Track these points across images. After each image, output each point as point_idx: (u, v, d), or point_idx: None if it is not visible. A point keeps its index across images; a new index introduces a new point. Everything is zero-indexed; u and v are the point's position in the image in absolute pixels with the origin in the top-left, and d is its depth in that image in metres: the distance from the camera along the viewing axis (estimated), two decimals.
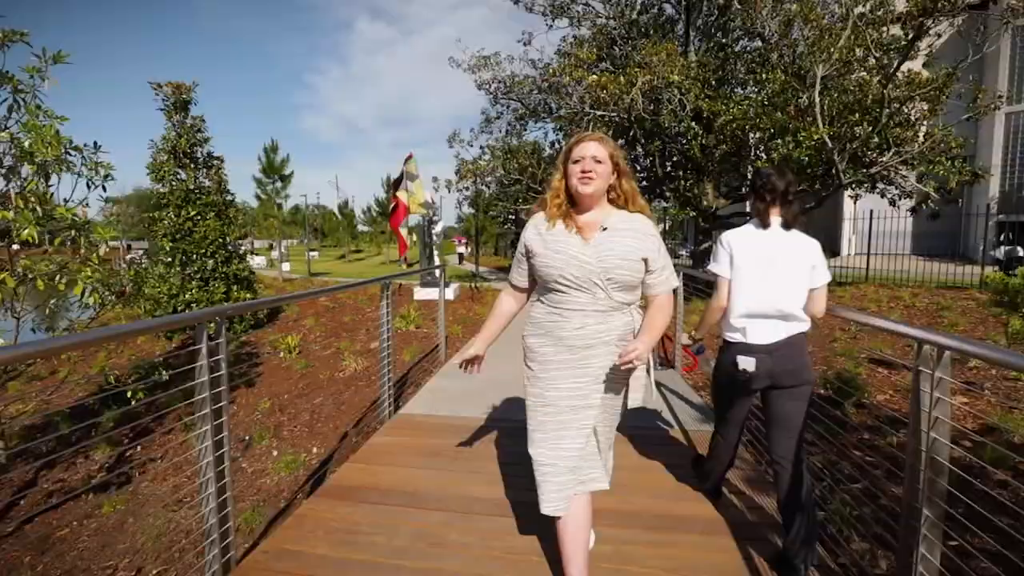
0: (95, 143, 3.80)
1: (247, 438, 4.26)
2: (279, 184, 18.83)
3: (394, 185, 13.08)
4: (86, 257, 3.43)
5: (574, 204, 1.67)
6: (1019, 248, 11.77)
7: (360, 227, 46.39)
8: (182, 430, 4.91)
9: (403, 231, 13.04)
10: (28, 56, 3.45)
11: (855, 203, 12.30)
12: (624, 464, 2.47)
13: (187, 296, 7.85)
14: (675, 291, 1.92)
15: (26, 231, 2.80)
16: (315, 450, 3.91)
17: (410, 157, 12.71)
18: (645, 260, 1.62)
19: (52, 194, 3.40)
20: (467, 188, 14.14)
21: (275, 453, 3.95)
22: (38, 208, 3.16)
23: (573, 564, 1.67)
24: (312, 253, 27.09)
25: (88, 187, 3.64)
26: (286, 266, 22.30)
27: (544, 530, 2.00)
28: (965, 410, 3.87)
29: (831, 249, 24.99)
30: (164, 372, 4.22)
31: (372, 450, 3.07)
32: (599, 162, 1.60)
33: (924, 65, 9.14)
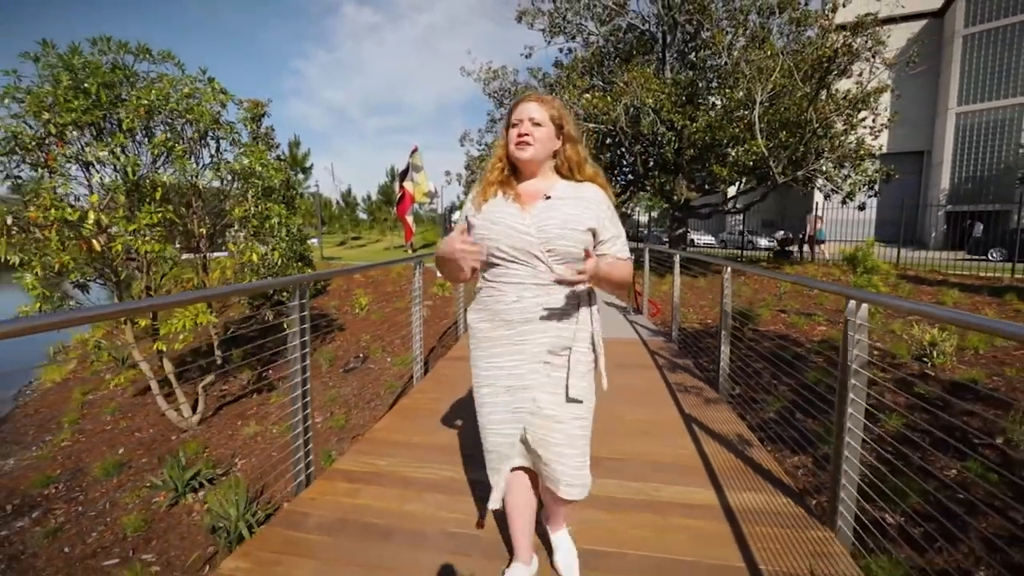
0: None
1: (362, 355, 6.45)
2: (300, 176, 20.80)
3: (401, 176, 15.01)
4: (274, 232, 5.55)
5: (516, 173, 1.57)
6: (789, 233, 16.65)
7: (360, 215, 48.04)
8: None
9: (409, 219, 15.00)
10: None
11: (801, 195, 14.55)
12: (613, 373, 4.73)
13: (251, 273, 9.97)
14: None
15: (275, 219, 4.95)
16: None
17: (415, 150, 14.58)
18: (593, 231, 1.49)
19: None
20: (474, 180, 16.25)
21: (389, 360, 6.16)
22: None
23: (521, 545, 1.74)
24: (311, 240, 28.51)
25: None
26: None
27: None
28: (823, 331, 6.17)
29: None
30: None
31: (463, 345, 5.29)
32: (538, 124, 1.47)
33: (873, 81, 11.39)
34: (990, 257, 18.21)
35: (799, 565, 1.85)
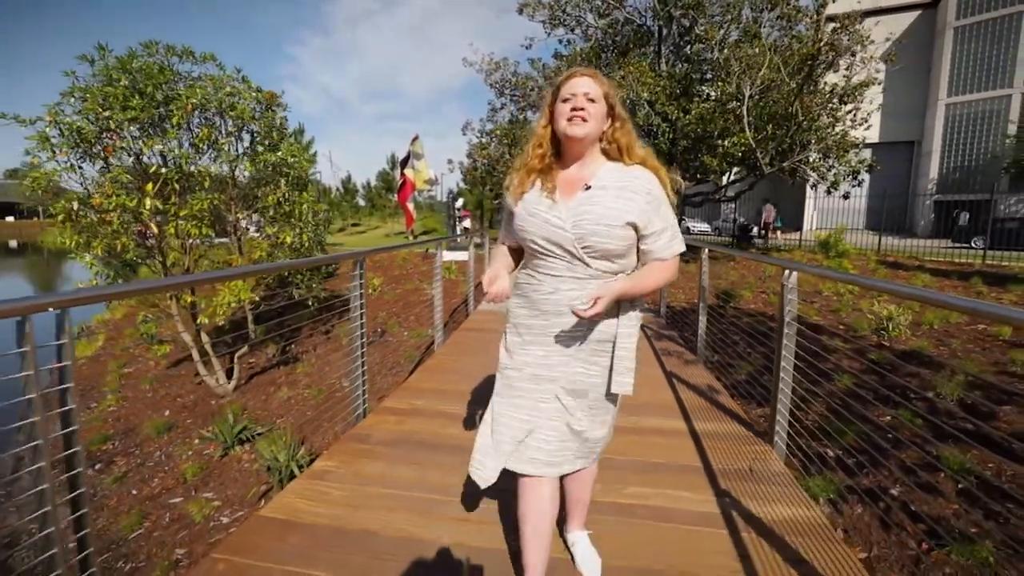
0: None
1: (380, 330, 7.08)
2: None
3: (402, 164, 15.48)
4: (302, 217, 6.13)
5: (559, 155, 1.47)
6: (748, 221, 18.26)
7: (359, 202, 48.36)
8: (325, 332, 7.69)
9: (410, 205, 15.51)
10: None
11: (790, 184, 15.14)
12: None
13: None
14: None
15: (305, 206, 5.52)
16: (429, 331, 6.74)
17: (416, 138, 15.02)
18: (634, 225, 1.37)
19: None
20: (476, 168, 16.76)
21: (406, 334, 6.79)
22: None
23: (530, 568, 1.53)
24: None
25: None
26: None
27: None
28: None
29: (796, 224, 28.16)
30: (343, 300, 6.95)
31: (472, 320, 5.92)
32: (592, 101, 1.36)
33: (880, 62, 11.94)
34: (973, 245, 18.86)
35: (742, 464, 2.50)
